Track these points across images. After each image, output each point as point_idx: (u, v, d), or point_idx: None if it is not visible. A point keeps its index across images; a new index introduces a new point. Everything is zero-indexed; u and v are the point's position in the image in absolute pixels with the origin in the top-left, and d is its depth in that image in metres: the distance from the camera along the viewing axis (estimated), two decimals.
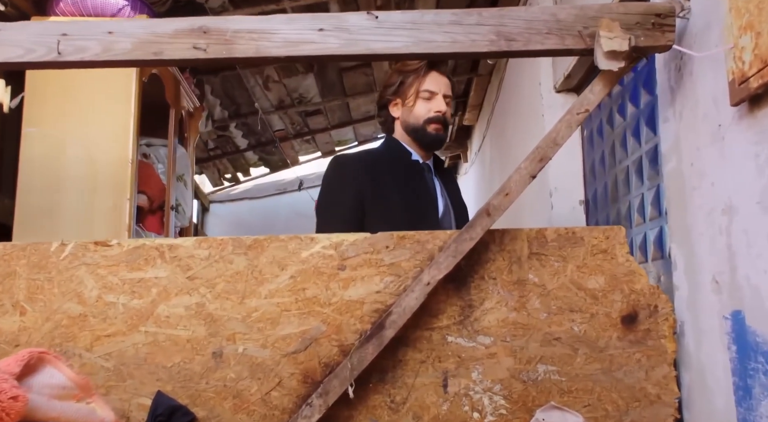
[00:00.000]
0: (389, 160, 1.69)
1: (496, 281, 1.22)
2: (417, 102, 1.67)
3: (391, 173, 1.65)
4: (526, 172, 1.16)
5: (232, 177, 5.90)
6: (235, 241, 1.21)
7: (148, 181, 2.24)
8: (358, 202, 1.60)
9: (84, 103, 1.93)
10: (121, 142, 1.91)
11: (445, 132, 1.70)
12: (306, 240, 1.22)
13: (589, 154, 2.26)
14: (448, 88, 1.70)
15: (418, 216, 1.61)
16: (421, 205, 1.64)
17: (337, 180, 1.66)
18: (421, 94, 1.66)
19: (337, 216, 1.62)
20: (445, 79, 1.70)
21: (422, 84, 1.66)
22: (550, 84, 2.46)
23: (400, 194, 1.62)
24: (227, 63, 1.18)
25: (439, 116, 1.65)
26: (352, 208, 1.60)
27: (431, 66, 1.66)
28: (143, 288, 1.19)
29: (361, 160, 1.69)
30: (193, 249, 1.20)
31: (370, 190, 1.61)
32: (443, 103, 1.66)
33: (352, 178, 1.63)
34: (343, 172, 1.66)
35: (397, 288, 1.21)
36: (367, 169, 1.64)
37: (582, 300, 1.20)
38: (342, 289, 1.21)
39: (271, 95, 4.09)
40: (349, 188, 1.62)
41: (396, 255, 1.22)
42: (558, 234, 1.23)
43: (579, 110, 1.15)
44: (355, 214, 1.60)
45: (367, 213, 1.60)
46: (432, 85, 1.66)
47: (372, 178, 1.62)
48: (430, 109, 1.65)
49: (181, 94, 2.50)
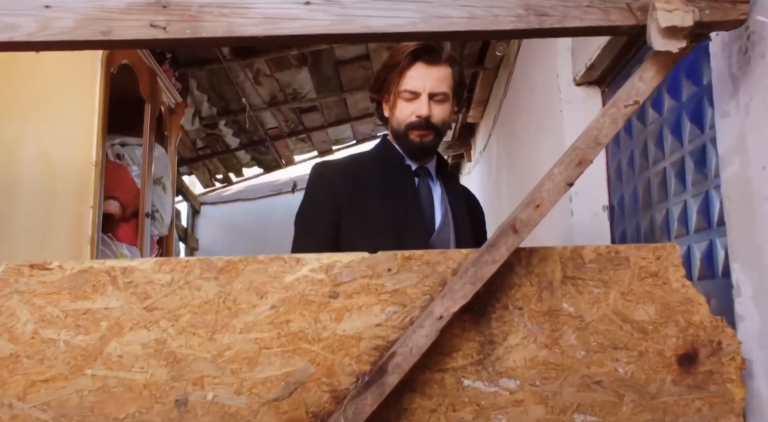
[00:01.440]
0: (378, 165, 1.49)
1: (522, 311, 1.02)
2: (397, 103, 1.44)
3: (377, 181, 1.45)
4: (560, 178, 0.96)
5: (223, 178, 5.71)
6: (204, 263, 1.01)
7: (120, 185, 2.04)
8: (332, 217, 1.42)
9: (40, 96, 1.73)
10: (83, 142, 1.71)
11: (435, 138, 1.45)
12: (290, 261, 1.03)
13: (615, 154, 2.06)
14: (440, 83, 1.42)
15: (402, 230, 1.41)
16: (407, 218, 1.43)
17: (312, 192, 1.48)
18: (401, 94, 1.42)
19: (308, 234, 1.45)
20: (437, 70, 1.42)
21: (402, 82, 1.42)
22: (569, 76, 2.26)
23: (383, 205, 1.42)
24: (192, 44, 0.98)
25: (420, 121, 1.41)
26: (325, 224, 1.42)
27: (416, 56, 1.40)
28: (90, 322, 0.99)
29: (340, 168, 1.49)
30: (152, 273, 1.01)
31: (347, 202, 1.42)
32: (425, 105, 1.40)
33: (327, 190, 1.44)
34: (319, 183, 1.47)
35: (402, 320, 1.01)
36: (346, 177, 1.45)
37: (628, 335, 1.01)
38: (334, 322, 1.02)
39: (263, 90, 3.89)
40: (323, 201, 1.44)
41: (400, 280, 1.03)
42: (598, 253, 1.04)
43: (626, 102, 0.95)
44: (328, 232, 1.42)
45: (344, 230, 1.42)
46: (413, 82, 1.41)
47: (352, 188, 1.43)
48: (412, 112, 1.41)
49: (159, 87, 2.30)
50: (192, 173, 5.26)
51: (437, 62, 1.42)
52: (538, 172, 2.79)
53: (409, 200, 1.44)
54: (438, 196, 1.51)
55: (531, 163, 2.89)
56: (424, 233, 1.43)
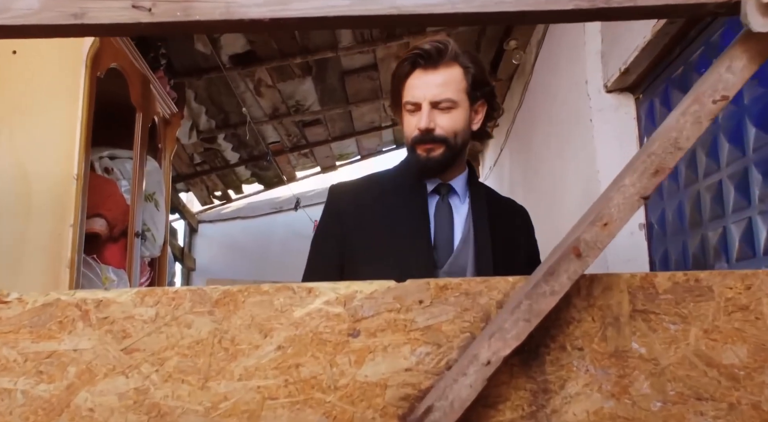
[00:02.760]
0: (392, 186, 1.37)
1: (583, 352, 0.86)
2: (403, 117, 1.33)
3: (386, 204, 1.33)
4: (633, 190, 0.80)
5: (222, 195, 5.57)
6: (196, 295, 0.85)
7: (107, 202, 1.89)
8: (338, 246, 1.33)
9: (15, 101, 1.58)
10: (64, 152, 1.55)
11: (446, 151, 1.30)
12: (301, 292, 0.86)
13: None
14: (443, 88, 1.27)
15: (405, 260, 1.28)
16: (412, 246, 1.29)
17: (323, 217, 1.40)
18: (405, 107, 1.31)
19: (313, 263, 1.37)
20: (438, 74, 1.28)
21: (404, 93, 1.31)
22: (600, 82, 2.11)
23: (388, 232, 1.31)
24: (183, 30, 0.82)
25: (422, 135, 1.28)
26: (330, 254, 1.33)
27: (413, 63, 1.29)
28: (55, 367, 0.83)
29: (353, 190, 1.39)
30: (132, 307, 0.85)
31: (353, 229, 1.32)
32: (426, 116, 1.27)
33: (335, 216, 1.36)
34: (329, 208, 1.39)
35: (437, 363, 0.85)
36: (357, 201, 1.35)
37: (714, 382, 0.84)
38: (354, 366, 0.85)
39: (264, 102, 3.75)
40: (330, 228, 1.35)
41: (434, 315, 0.87)
42: (674, 281, 0.87)
43: (713, 97, 0.80)
44: (333, 262, 1.32)
45: (348, 259, 1.32)
46: (412, 92, 1.29)
47: (361, 213, 1.33)
48: (416, 125, 1.29)
49: (153, 96, 2.16)
50: (189, 190, 5.11)
51: (437, 65, 1.28)
52: (563, 188, 2.64)
53: (418, 227, 1.31)
54: (462, 216, 1.35)
55: (554, 178, 2.73)
56: (430, 265, 1.29)
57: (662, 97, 1.83)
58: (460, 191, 1.37)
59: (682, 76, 1.69)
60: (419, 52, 1.28)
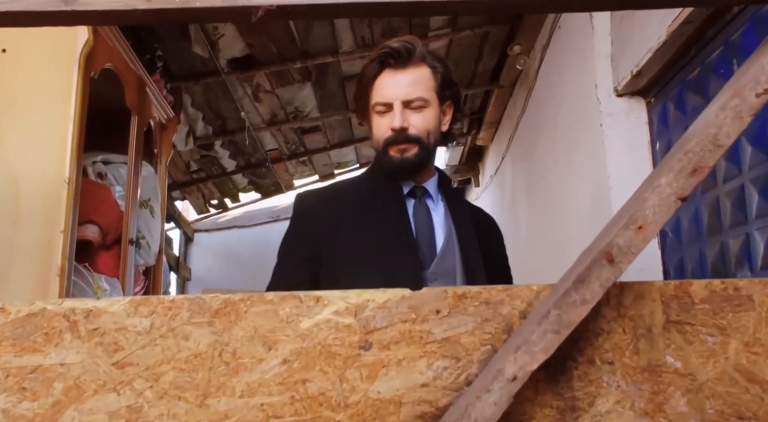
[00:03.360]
0: (365, 191, 1.34)
1: (613, 367, 0.80)
2: (372, 119, 1.31)
3: (362, 210, 1.30)
4: (669, 191, 0.74)
5: (219, 203, 5.51)
6: (194, 304, 0.79)
7: (100, 208, 1.83)
8: (309, 254, 1.29)
9: (4, 101, 1.52)
10: (55, 155, 1.49)
11: (420, 151, 1.28)
12: (308, 301, 0.80)
13: None
14: (414, 87, 1.27)
15: (391, 265, 1.25)
16: (396, 250, 1.27)
17: (291, 225, 1.35)
18: (374, 108, 1.29)
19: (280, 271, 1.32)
20: (408, 73, 1.27)
21: (372, 95, 1.29)
22: (610, 86, 2.07)
23: (369, 237, 1.27)
24: (182, 19, 0.77)
25: (396, 135, 1.26)
26: (300, 261, 1.29)
27: (381, 63, 1.28)
28: (40, 383, 0.76)
29: (323, 197, 1.36)
30: (125, 317, 0.78)
31: (329, 236, 1.28)
32: (399, 116, 1.25)
33: (306, 223, 1.32)
34: (299, 215, 1.35)
35: (455, 378, 0.79)
36: (329, 208, 1.31)
37: (757, 399, 0.78)
38: (366, 381, 0.79)
39: (262, 108, 3.70)
40: (301, 236, 1.32)
41: (452, 326, 0.81)
42: (710, 290, 0.82)
43: (755, 90, 0.74)
44: (303, 270, 1.28)
45: (326, 267, 1.28)
46: (382, 92, 1.27)
47: (335, 219, 1.29)
48: (387, 126, 1.27)
49: (148, 99, 2.10)
50: (185, 198, 5.05)
51: (406, 65, 1.27)
52: (571, 196, 2.58)
53: (399, 228, 1.28)
54: (440, 217, 1.34)
55: (561, 185, 2.68)
56: (416, 266, 1.26)
57: (677, 101, 1.78)
58: (433, 194, 1.36)
59: (699, 78, 1.64)
60: (388, 52, 1.26)
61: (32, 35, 1.48)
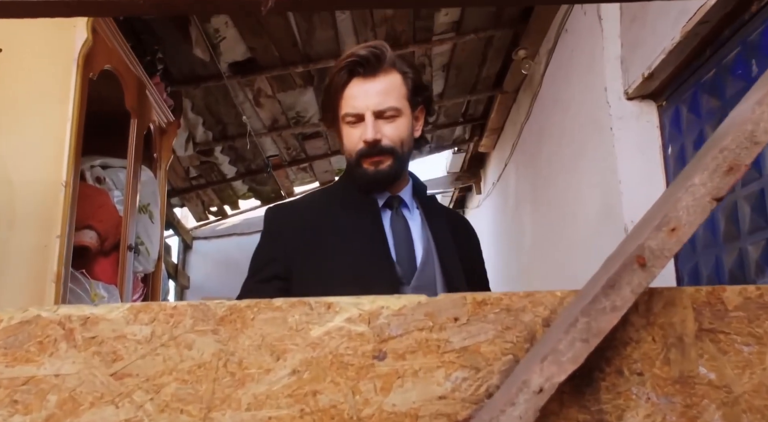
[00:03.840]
0: (338, 203, 1.29)
1: (643, 378, 0.76)
2: (343, 130, 1.26)
3: (336, 223, 1.26)
4: (704, 191, 0.70)
5: (218, 210, 5.46)
6: (198, 311, 0.75)
7: (98, 213, 1.79)
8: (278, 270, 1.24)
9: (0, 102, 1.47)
10: (52, 157, 1.45)
11: (394, 163, 1.24)
12: (319, 308, 0.76)
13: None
14: (385, 96, 1.22)
15: (368, 280, 1.20)
16: (373, 263, 1.22)
17: (261, 240, 1.31)
18: (344, 120, 1.24)
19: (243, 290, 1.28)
20: (378, 82, 1.22)
21: (341, 105, 1.24)
22: (620, 89, 2.03)
23: (344, 252, 1.23)
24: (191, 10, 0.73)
25: (368, 148, 1.22)
26: (268, 278, 1.25)
27: (350, 72, 1.23)
28: (33, 395, 0.72)
29: (294, 211, 1.31)
30: (124, 325, 0.74)
31: (301, 251, 1.23)
32: (371, 127, 1.20)
33: (276, 239, 1.28)
34: (269, 230, 1.30)
35: (475, 390, 0.75)
36: (300, 222, 1.27)
37: None
38: (381, 393, 0.75)
39: (263, 113, 3.66)
40: (270, 251, 1.27)
41: (471, 334, 0.77)
42: (744, 296, 0.78)
43: None
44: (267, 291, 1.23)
45: (298, 284, 1.23)
46: (352, 102, 1.22)
47: (307, 234, 1.25)
48: (359, 137, 1.23)
49: (148, 102, 2.07)
50: (184, 205, 5.01)
51: (376, 73, 1.23)
52: (579, 201, 2.54)
53: (376, 243, 1.24)
54: (418, 228, 1.30)
55: (568, 191, 2.64)
56: (394, 280, 1.22)
57: (690, 103, 1.74)
58: (409, 202, 1.32)
59: (714, 80, 1.61)
60: (356, 60, 1.21)
61: (30, 34, 1.44)
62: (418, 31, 3.13)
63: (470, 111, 4.66)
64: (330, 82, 1.25)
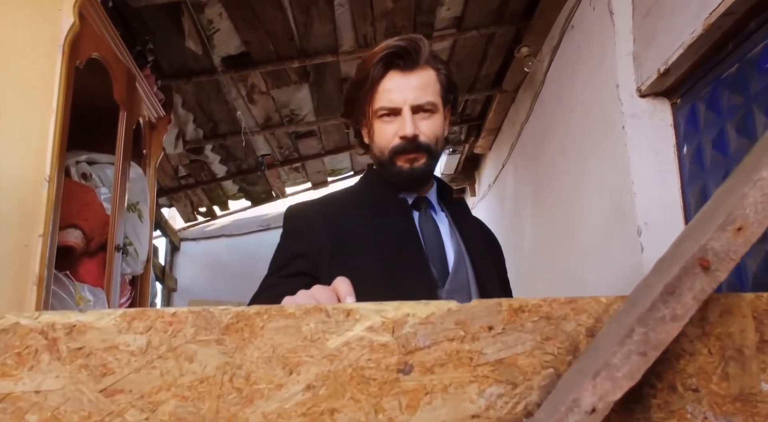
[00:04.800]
0: (365, 204, 1.23)
1: (699, 395, 0.69)
2: (375, 126, 1.20)
3: (366, 225, 1.19)
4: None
5: (207, 211, 5.37)
6: (200, 318, 0.67)
7: (84, 211, 1.70)
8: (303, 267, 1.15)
9: None
10: (34, 151, 1.36)
11: (428, 161, 1.20)
12: (337, 315, 0.69)
13: (697, 176, 1.75)
14: (423, 91, 1.18)
15: (404, 284, 1.15)
16: (409, 267, 1.17)
17: (285, 240, 1.21)
18: (377, 114, 1.19)
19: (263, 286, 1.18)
20: (417, 76, 1.19)
21: (375, 98, 1.18)
22: (633, 86, 1.97)
23: (377, 255, 1.16)
24: None
25: (406, 143, 1.17)
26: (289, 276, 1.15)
27: (387, 64, 1.18)
28: (10, 415, 0.64)
29: (319, 211, 1.22)
30: (116, 334, 0.66)
31: (330, 255, 1.15)
32: (409, 122, 1.16)
33: (300, 237, 1.19)
34: (289, 229, 1.21)
35: (512, 408, 0.68)
36: (327, 223, 1.18)
37: None
38: (406, 411, 0.67)
39: (256, 110, 3.58)
40: (293, 249, 1.18)
41: (507, 344, 0.69)
42: None
43: None
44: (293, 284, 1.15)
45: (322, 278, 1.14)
46: (389, 96, 1.17)
47: (335, 236, 1.17)
48: (395, 133, 1.18)
49: (138, 94, 1.98)
50: (172, 205, 4.91)
51: (415, 67, 1.18)
52: (587, 203, 2.47)
53: (409, 244, 1.19)
54: (446, 230, 1.25)
55: (574, 192, 2.58)
56: (431, 283, 1.17)
57: (709, 100, 1.68)
58: (435, 204, 1.28)
59: (737, 75, 1.54)
60: (395, 51, 1.16)
61: (10, 17, 1.35)
62: (419, 26, 3.06)
63: (467, 111, 4.60)
64: (363, 74, 1.18)
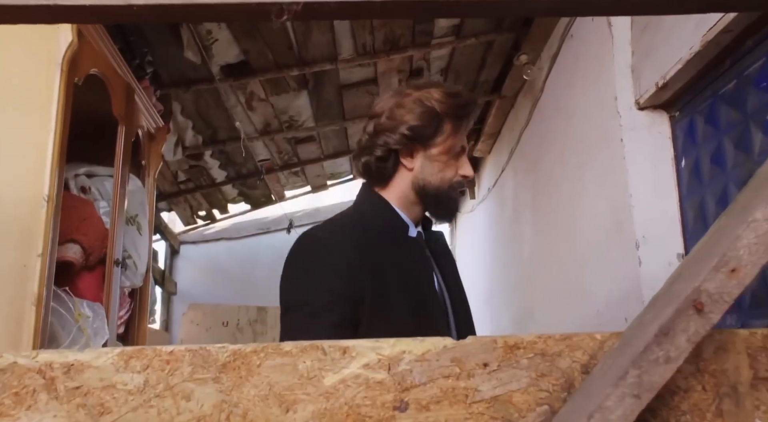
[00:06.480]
0: (387, 237, 1.22)
1: None
2: (444, 158, 1.25)
3: (392, 258, 1.19)
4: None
5: (207, 214, 5.37)
6: (197, 356, 0.67)
7: (83, 225, 1.70)
8: (349, 316, 1.10)
9: None
10: (33, 170, 1.36)
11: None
12: (333, 353, 0.69)
13: (695, 190, 1.76)
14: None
15: (425, 317, 1.18)
16: (427, 300, 1.21)
17: (318, 278, 1.12)
18: (454, 149, 1.26)
19: (323, 332, 1.07)
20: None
21: (459, 136, 1.27)
22: (631, 99, 1.97)
23: (404, 289, 1.17)
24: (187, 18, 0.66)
25: (464, 181, 1.29)
26: (348, 318, 1.10)
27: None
28: None
29: (352, 241, 1.16)
30: (113, 373, 0.66)
31: (369, 288, 1.12)
32: (468, 163, 1.30)
33: (344, 275, 1.11)
34: (331, 265, 1.12)
35: None
36: (362, 255, 1.14)
37: None
38: None
39: (256, 117, 3.58)
40: (340, 291, 1.10)
41: (502, 381, 0.70)
42: None
43: None
44: (349, 330, 1.10)
45: (366, 323, 1.12)
46: (464, 138, 1.30)
47: (370, 268, 1.14)
48: (460, 169, 1.27)
49: (137, 107, 1.98)
50: (172, 209, 4.91)
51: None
52: (585, 215, 2.48)
53: (428, 276, 1.24)
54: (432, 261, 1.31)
55: (570, 202, 2.58)
56: (442, 314, 1.22)
57: (707, 115, 1.69)
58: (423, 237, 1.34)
59: (735, 91, 1.55)
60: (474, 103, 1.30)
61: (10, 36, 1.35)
62: (418, 34, 3.07)
63: None
64: (460, 111, 1.24)
